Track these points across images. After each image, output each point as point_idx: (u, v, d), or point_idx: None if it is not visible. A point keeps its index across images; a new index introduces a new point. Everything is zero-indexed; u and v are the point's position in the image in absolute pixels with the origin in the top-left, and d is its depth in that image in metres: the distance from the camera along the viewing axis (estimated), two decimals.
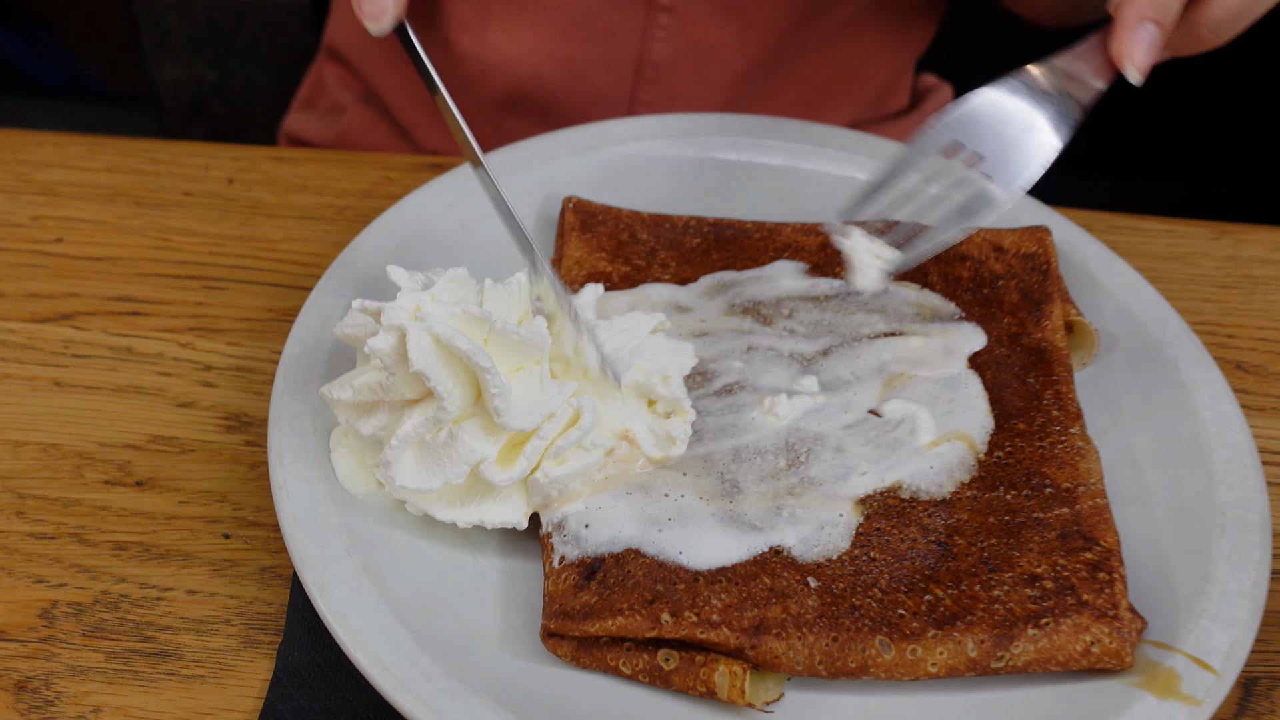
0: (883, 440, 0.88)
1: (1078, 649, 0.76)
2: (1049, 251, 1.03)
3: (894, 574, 0.80)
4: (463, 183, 1.08)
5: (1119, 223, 1.22)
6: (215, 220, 1.12)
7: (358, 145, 1.47)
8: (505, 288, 0.83)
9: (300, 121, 1.59)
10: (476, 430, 0.78)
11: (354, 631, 0.74)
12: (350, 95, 1.51)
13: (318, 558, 0.78)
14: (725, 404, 0.90)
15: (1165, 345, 0.99)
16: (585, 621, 0.75)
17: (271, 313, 1.03)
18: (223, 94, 2.51)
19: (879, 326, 0.98)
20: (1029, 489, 0.86)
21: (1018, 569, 0.80)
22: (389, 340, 0.77)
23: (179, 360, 0.99)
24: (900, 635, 0.76)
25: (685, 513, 0.82)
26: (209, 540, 0.86)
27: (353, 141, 1.49)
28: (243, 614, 0.82)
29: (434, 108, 1.37)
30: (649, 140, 1.15)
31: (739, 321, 0.98)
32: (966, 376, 0.94)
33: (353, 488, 0.82)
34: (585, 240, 1.04)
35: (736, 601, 0.77)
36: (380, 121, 1.49)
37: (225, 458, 0.92)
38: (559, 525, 0.81)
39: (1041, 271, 1.02)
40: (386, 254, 1.00)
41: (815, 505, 0.83)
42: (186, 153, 1.19)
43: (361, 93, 1.49)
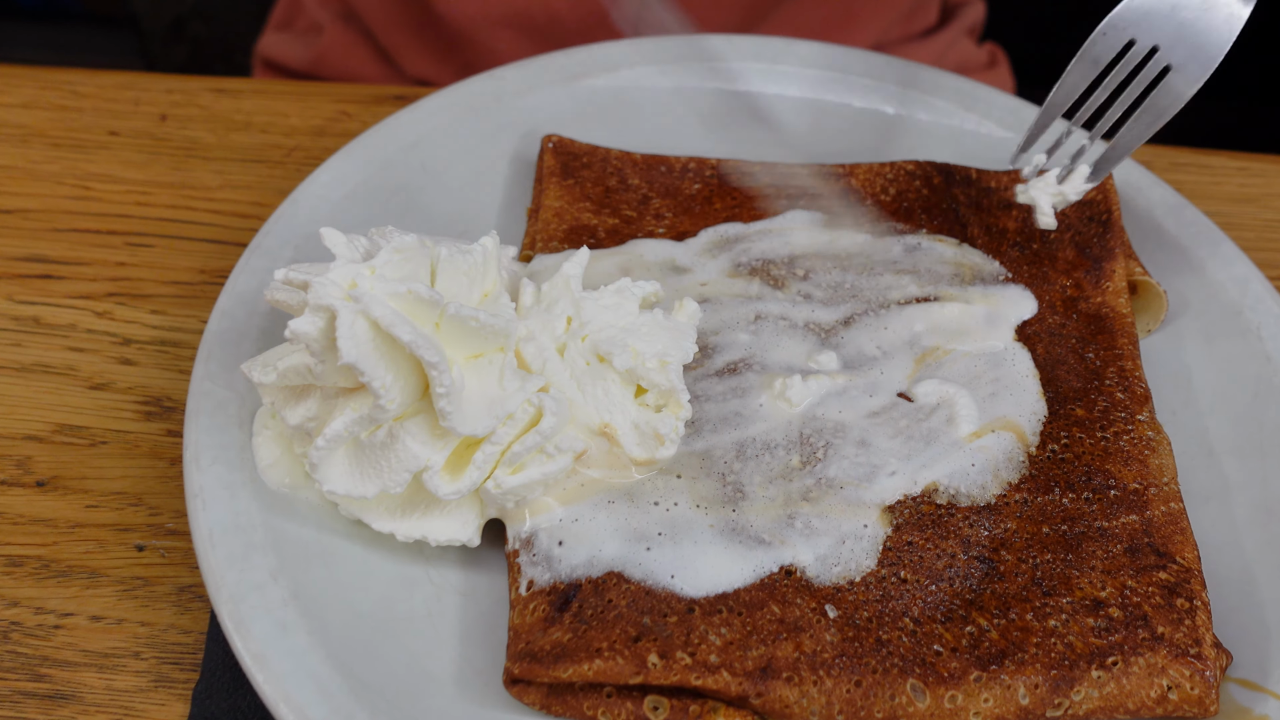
0: (915, 431, 0.75)
1: (1152, 695, 0.63)
2: (1111, 197, 0.88)
3: (929, 600, 0.67)
4: (427, 118, 0.93)
5: (1183, 159, 1.06)
6: (144, 164, 0.97)
7: (336, 70, 1.34)
8: (465, 258, 0.68)
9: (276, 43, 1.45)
10: (421, 431, 0.64)
11: (276, 679, 0.62)
12: (328, 14, 1.37)
13: (236, 585, 0.65)
14: (728, 387, 0.76)
15: (1246, 309, 0.84)
16: (556, 665, 0.62)
17: (204, 274, 0.90)
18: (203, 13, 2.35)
19: (910, 290, 0.83)
20: (1090, 491, 0.72)
21: (1077, 592, 0.67)
22: (316, 323, 0.63)
23: (94, 333, 0.85)
24: (937, 678, 0.63)
25: (679, 525, 0.68)
26: (119, 553, 0.74)
27: (331, 65, 1.35)
28: (155, 645, 0.70)
29: (417, 28, 1.24)
30: (643, 66, 1.00)
31: (745, 285, 0.84)
32: (1014, 351, 0.79)
33: (274, 480, 0.69)
34: (567, 187, 0.89)
35: (739, 637, 0.64)
36: (361, 43, 1.35)
37: (143, 451, 0.79)
38: (527, 542, 0.68)
39: (1102, 222, 0.87)
40: (333, 205, 0.86)
41: (835, 514, 0.70)
42: (114, 84, 1.04)
43: (340, 10, 1.35)
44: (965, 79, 1.00)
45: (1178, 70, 0.79)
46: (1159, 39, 0.80)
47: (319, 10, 1.37)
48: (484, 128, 0.95)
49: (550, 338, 0.70)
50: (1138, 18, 0.80)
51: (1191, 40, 0.79)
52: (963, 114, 0.99)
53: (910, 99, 1.00)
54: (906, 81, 1.01)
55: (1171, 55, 0.79)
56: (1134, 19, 0.80)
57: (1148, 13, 0.80)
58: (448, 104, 0.95)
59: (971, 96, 1.00)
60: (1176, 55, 0.79)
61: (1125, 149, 0.81)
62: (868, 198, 0.90)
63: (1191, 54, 0.79)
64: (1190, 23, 0.79)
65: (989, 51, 1.42)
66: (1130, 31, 0.80)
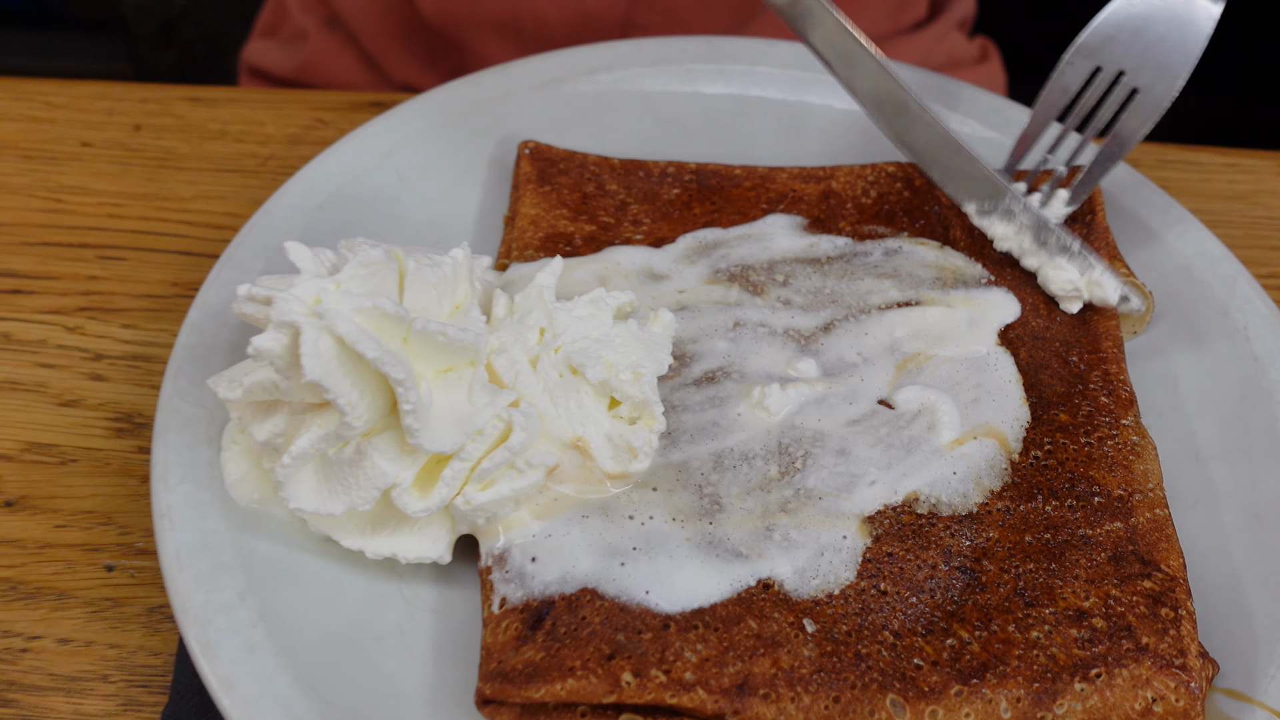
0: (896, 439, 0.73)
1: (1136, 707, 0.62)
2: (1095, 200, 0.87)
3: (909, 612, 0.66)
4: (402, 125, 0.92)
5: (1170, 156, 1.05)
6: (116, 176, 0.96)
7: (322, 77, 1.33)
8: (434, 270, 0.67)
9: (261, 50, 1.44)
10: (389, 447, 0.63)
11: (244, 703, 0.60)
12: (313, 20, 1.36)
13: (203, 606, 0.64)
14: (706, 396, 0.75)
15: (1233, 309, 0.83)
16: (528, 685, 0.61)
17: (176, 287, 0.88)
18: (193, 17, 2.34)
19: (891, 295, 0.82)
20: (1073, 498, 0.71)
21: (1060, 603, 0.66)
22: (279, 340, 0.62)
23: (65, 348, 0.84)
24: (917, 693, 0.62)
25: (654, 539, 0.67)
26: (89, 574, 0.72)
27: (316, 72, 1.34)
28: (124, 668, 0.68)
29: (404, 34, 1.23)
30: (621, 70, 0.99)
31: (724, 291, 0.82)
32: (996, 355, 0.78)
33: (242, 496, 0.68)
34: (543, 194, 0.88)
35: (716, 654, 0.63)
36: (346, 49, 1.34)
37: (113, 469, 0.78)
38: (500, 558, 0.67)
39: (1086, 224, 0.85)
40: (306, 216, 0.85)
41: (813, 525, 0.69)
42: (87, 95, 1.02)
43: (325, 17, 1.34)
44: (949, 78, 0.99)
45: (1145, 92, 0.81)
46: (1124, 63, 0.81)
47: (304, 16, 1.36)
48: (460, 134, 0.93)
49: (522, 350, 0.69)
50: (1102, 43, 0.82)
51: (1157, 61, 0.80)
52: (946, 114, 0.98)
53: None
54: None
55: (1138, 78, 0.81)
56: (1098, 44, 0.82)
57: (1112, 37, 0.81)
58: (423, 110, 0.94)
59: (955, 96, 0.98)
60: (1143, 78, 0.81)
61: (1098, 175, 0.83)
62: (848, 200, 0.89)
63: (1157, 75, 0.80)
64: (1155, 44, 0.80)
65: (980, 45, 1.41)
66: (1096, 58, 0.82)
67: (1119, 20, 0.82)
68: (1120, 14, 0.81)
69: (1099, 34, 0.82)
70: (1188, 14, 0.80)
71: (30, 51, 2.74)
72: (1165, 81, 0.80)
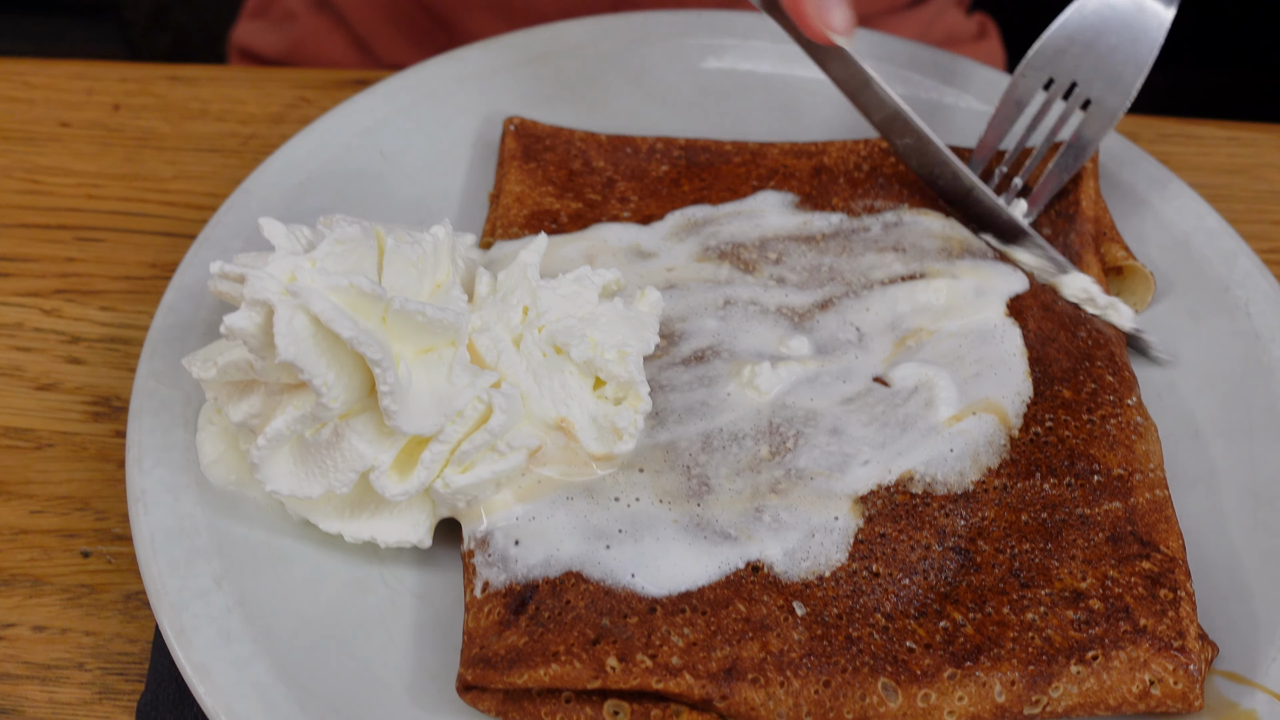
0: (891, 417, 0.72)
1: (1134, 690, 0.61)
2: (1081, 188, 0.84)
3: (901, 594, 0.64)
4: (385, 102, 0.90)
5: (1170, 129, 1.03)
6: (95, 156, 0.94)
7: (311, 58, 1.31)
8: (415, 248, 0.65)
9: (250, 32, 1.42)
10: (367, 429, 0.61)
11: (218, 690, 0.59)
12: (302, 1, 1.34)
13: (178, 592, 0.62)
14: (695, 375, 0.74)
15: (1233, 285, 0.81)
16: (511, 670, 0.60)
17: (155, 269, 0.87)
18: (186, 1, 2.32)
19: (894, 269, 0.80)
20: (1072, 476, 0.69)
21: (1057, 584, 0.64)
22: (253, 319, 0.60)
23: (42, 331, 0.82)
24: (909, 676, 0.61)
25: (640, 521, 0.66)
26: (64, 560, 0.71)
27: (305, 54, 1.32)
28: (100, 655, 0.67)
29: (393, 13, 1.22)
30: (608, 44, 0.97)
31: (714, 269, 0.81)
32: (1003, 327, 0.76)
33: (218, 477, 0.67)
34: (529, 171, 0.86)
35: (703, 638, 0.61)
36: (335, 31, 1.32)
37: (90, 454, 0.76)
38: (483, 541, 0.65)
39: (1069, 216, 0.83)
40: (286, 195, 0.83)
41: (804, 506, 0.67)
42: (66, 74, 1.00)
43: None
44: (943, 52, 0.97)
45: (1098, 102, 0.81)
46: (1076, 74, 0.81)
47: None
48: (445, 111, 0.91)
49: (505, 329, 0.68)
50: (1054, 54, 0.82)
51: (1110, 72, 0.80)
52: (941, 88, 0.96)
53: (887, 74, 0.97)
54: (883, 56, 0.97)
55: (1091, 89, 0.81)
56: (1050, 56, 0.82)
57: (1064, 49, 0.81)
58: (407, 87, 0.92)
59: (950, 70, 0.96)
60: (1096, 89, 0.81)
61: (1054, 185, 0.83)
62: (840, 176, 0.87)
63: (1110, 85, 0.80)
64: (1107, 55, 0.80)
65: (978, 22, 1.39)
66: (1048, 70, 0.82)
67: (1070, 32, 0.81)
68: (1072, 25, 0.81)
69: (1051, 45, 0.82)
70: (1139, 22, 0.80)
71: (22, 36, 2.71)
72: (1118, 92, 0.80)
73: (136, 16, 2.40)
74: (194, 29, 2.33)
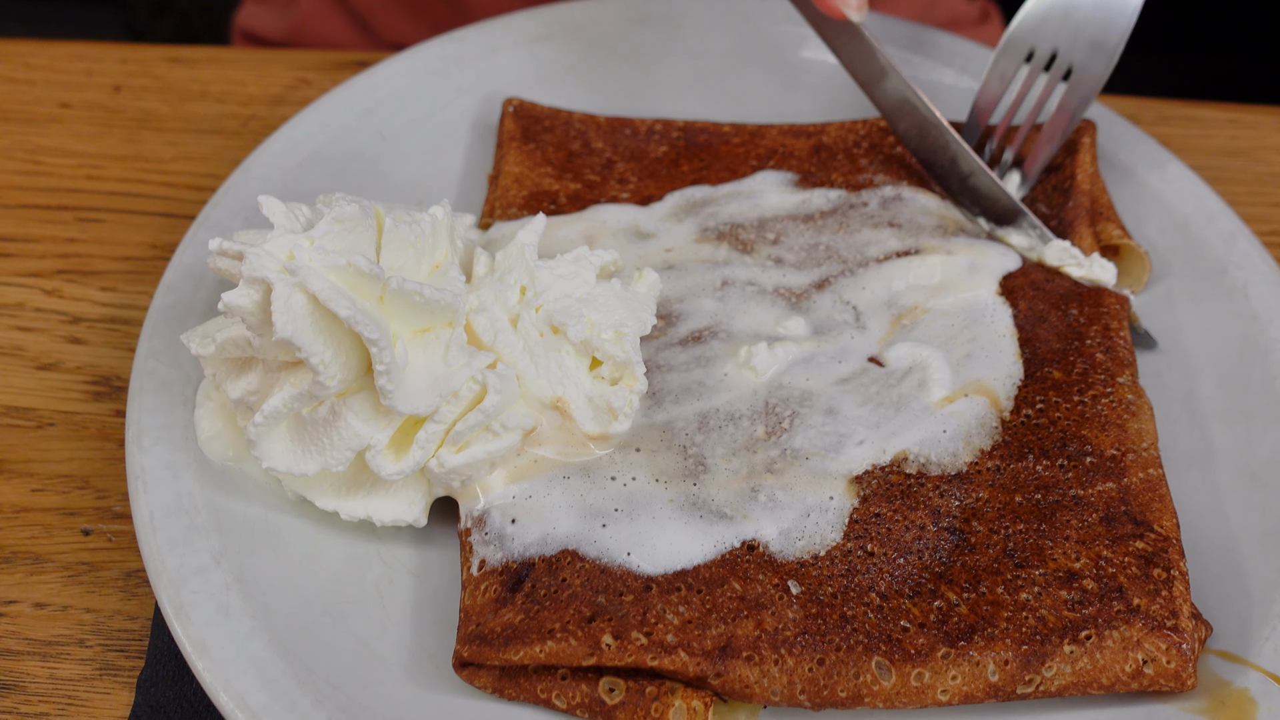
0: (885, 398, 0.72)
1: (1127, 669, 0.61)
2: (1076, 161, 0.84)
3: (896, 574, 0.64)
4: (384, 83, 0.90)
5: (1171, 111, 1.02)
6: (96, 137, 0.95)
7: (313, 38, 1.31)
8: (414, 228, 0.65)
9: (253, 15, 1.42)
10: (364, 408, 0.62)
11: (216, 666, 0.60)
12: None
13: (177, 569, 0.63)
14: (692, 356, 0.74)
15: (1232, 267, 0.81)
16: (507, 647, 0.60)
17: (155, 249, 0.87)
18: None
19: (890, 245, 0.80)
20: (1065, 458, 0.69)
21: (1051, 564, 0.64)
22: (251, 296, 0.60)
23: (43, 311, 0.83)
24: (903, 655, 0.61)
25: (636, 501, 0.66)
26: (65, 538, 0.71)
27: (307, 34, 1.33)
28: (100, 632, 0.67)
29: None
30: (609, 25, 0.97)
31: (713, 250, 0.81)
32: (994, 306, 0.76)
33: (215, 453, 0.67)
34: (528, 152, 0.86)
35: (698, 616, 0.62)
36: (336, 10, 1.32)
37: (90, 433, 0.76)
38: (480, 520, 0.65)
39: (1064, 190, 0.83)
40: (285, 175, 0.83)
41: (800, 486, 0.67)
42: (67, 55, 1.01)
43: None
44: (942, 32, 0.97)
45: (1080, 69, 0.81)
46: (1057, 43, 0.82)
47: None
48: (444, 92, 0.92)
49: (503, 308, 0.68)
50: (1034, 26, 0.82)
51: (1089, 38, 0.81)
52: (941, 68, 0.96)
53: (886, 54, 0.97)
54: (882, 37, 0.97)
55: (1072, 56, 0.82)
56: (1030, 28, 0.82)
57: (1043, 20, 0.82)
58: (406, 68, 0.92)
59: (949, 51, 0.96)
60: (1077, 55, 0.81)
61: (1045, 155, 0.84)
62: (840, 153, 0.87)
63: (1091, 52, 0.81)
64: (1085, 23, 0.81)
65: (981, 7, 1.38)
66: (1029, 41, 0.83)
67: (1047, 4, 0.82)
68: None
69: (1030, 19, 0.82)
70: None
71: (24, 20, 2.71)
72: (1100, 58, 0.81)
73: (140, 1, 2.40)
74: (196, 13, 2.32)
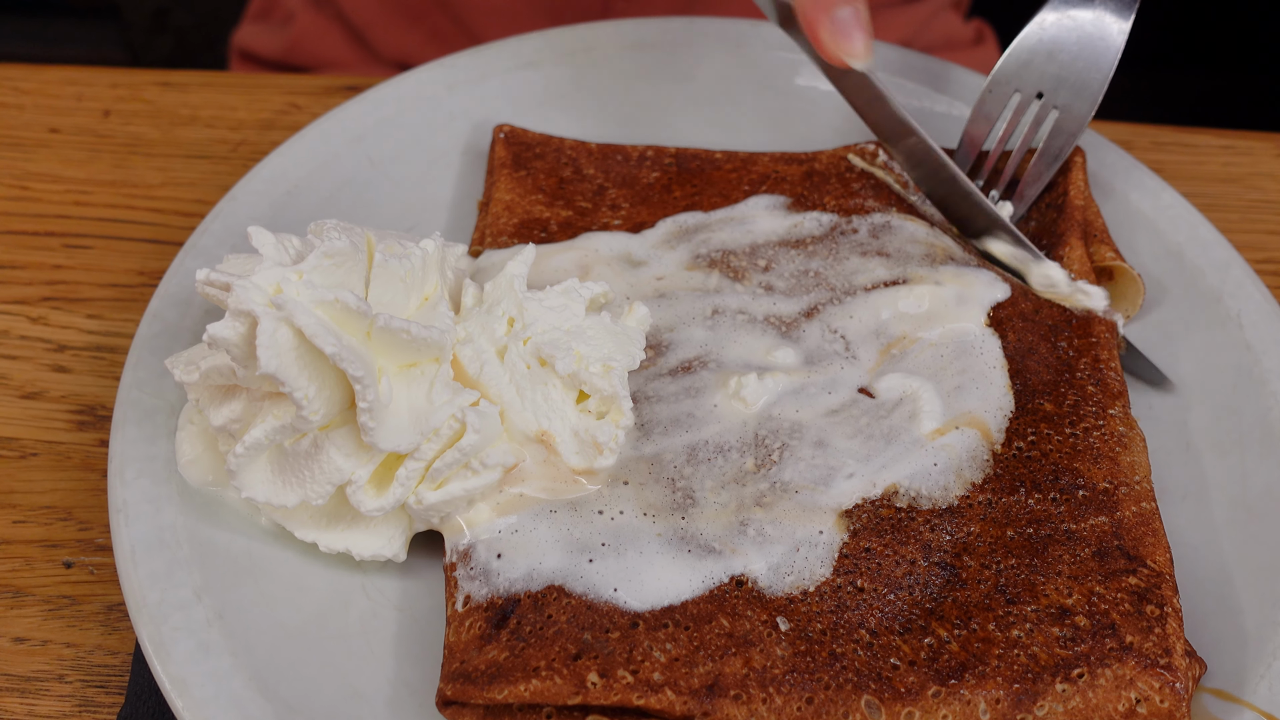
0: (875, 429, 0.71)
1: (1120, 708, 0.60)
2: (1069, 180, 0.84)
3: (886, 610, 0.64)
4: (374, 109, 0.90)
5: (1165, 138, 1.02)
6: (84, 162, 0.94)
7: (310, 56, 1.32)
8: (404, 263, 0.65)
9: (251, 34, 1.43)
10: (346, 443, 0.61)
11: (197, 704, 0.59)
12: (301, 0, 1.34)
13: (158, 605, 0.62)
14: (681, 386, 0.73)
15: (1226, 296, 0.81)
16: (491, 685, 0.59)
17: (142, 276, 0.86)
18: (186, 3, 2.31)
19: (879, 274, 0.79)
20: (1057, 491, 0.69)
21: (1043, 600, 0.64)
22: (236, 329, 0.60)
23: (28, 339, 0.82)
24: (893, 694, 0.60)
25: (624, 535, 0.65)
26: (46, 571, 0.71)
27: (304, 52, 1.33)
28: (80, 668, 0.67)
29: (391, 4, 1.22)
30: (600, 52, 0.96)
31: (704, 278, 0.80)
32: (983, 337, 0.76)
33: (194, 477, 0.67)
34: (518, 179, 0.86)
35: (686, 653, 0.61)
36: (333, 28, 1.33)
37: (74, 463, 0.76)
38: (465, 554, 0.65)
39: (1057, 208, 0.83)
40: (274, 202, 0.83)
41: (789, 519, 0.67)
42: (57, 80, 1.00)
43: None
44: (934, 59, 0.96)
45: (1064, 110, 0.82)
46: (1041, 85, 0.83)
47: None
48: (435, 118, 0.91)
49: (489, 340, 0.67)
50: (1018, 69, 0.83)
51: (1074, 79, 0.82)
52: (934, 95, 0.95)
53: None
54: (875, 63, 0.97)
55: (1056, 98, 0.83)
56: (1014, 71, 0.84)
57: (1027, 63, 0.83)
58: (397, 94, 0.91)
59: (942, 78, 0.96)
60: (1061, 97, 0.82)
61: (1034, 193, 0.84)
62: (832, 177, 0.86)
63: (1075, 94, 0.82)
64: (1069, 64, 0.82)
65: (975, 28, 1.38)
66: (1013, 84, 0.84)
67: (1031, 45, 0.83)
68: (1032, 39, 0.83)
69: (1014, 61, 0.83)
70: (1098, 31, 0.82)
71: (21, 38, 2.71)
72: (1084, 98, 0.82)
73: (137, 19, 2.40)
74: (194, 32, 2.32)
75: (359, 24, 1.27)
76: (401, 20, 1.25)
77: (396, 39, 1.26)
